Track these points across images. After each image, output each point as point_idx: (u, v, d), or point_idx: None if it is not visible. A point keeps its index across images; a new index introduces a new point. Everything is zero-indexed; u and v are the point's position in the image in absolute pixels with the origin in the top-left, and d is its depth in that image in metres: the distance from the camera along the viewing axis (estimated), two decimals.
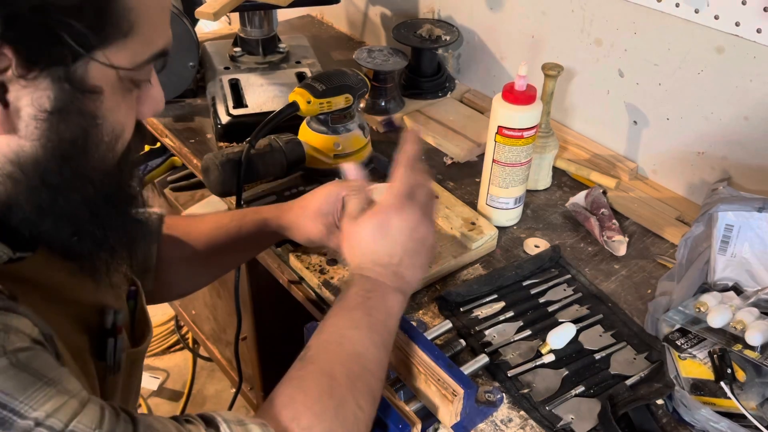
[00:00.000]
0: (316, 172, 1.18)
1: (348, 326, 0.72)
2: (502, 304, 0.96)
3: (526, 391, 0.84)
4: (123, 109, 0.60)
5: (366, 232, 0.76)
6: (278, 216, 0.95)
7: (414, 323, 0.84)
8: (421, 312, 0.96)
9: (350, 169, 0.84)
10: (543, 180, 1.20)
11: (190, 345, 2.08)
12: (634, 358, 0.89)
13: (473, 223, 1.05)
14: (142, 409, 2.00)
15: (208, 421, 0.59)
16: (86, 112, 0.55)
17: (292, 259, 1.02)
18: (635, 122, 1.21)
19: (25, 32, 0.50)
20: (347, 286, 0.76)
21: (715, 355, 0.85)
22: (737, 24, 1.00)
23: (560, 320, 0.93)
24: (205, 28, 1.71)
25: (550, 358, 0.88)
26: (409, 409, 0.75)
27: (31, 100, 0.53)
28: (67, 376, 0.51)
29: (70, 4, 0.51)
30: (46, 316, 0.57)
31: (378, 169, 1.21)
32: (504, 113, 1.01)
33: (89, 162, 0.58)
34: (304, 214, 0.93)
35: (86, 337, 0.67)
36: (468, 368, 0.83)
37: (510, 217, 1.11)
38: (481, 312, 0.95)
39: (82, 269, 0.63)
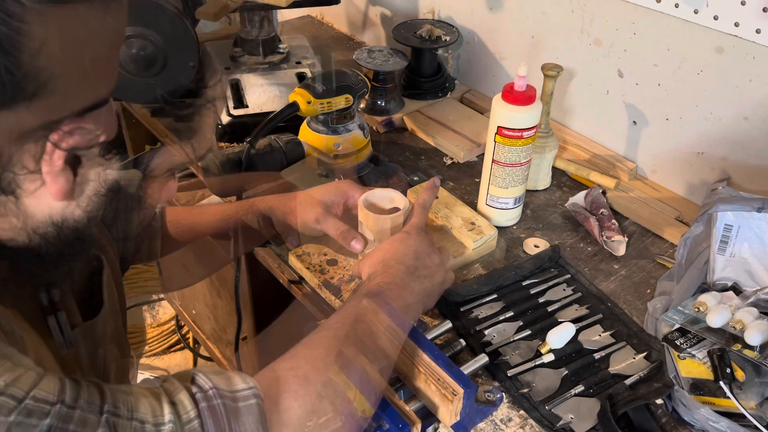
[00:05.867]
0: None
1: (367, 310, 0.75)
2: (501, 304, 0.96)
3: (525, 390, 0.84)
4: None
5: (392, 240, 0.87)
6: (284, 203, 0.98)
7: (414, 323, 0.84)
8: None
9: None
10: (543, 180, 1.20)
11: (191, 345, 2.08)
12: (634, 358, 0.89)
13: (473, 223, 1.05)
14: None
15: (182, 377, 0.62)
16: (136, 195, 0.60)
17: (292, 259, 1.02)
18: (635, 122, 1.21)
19: None
20: (369, 279, 0.81)
21: (714, 355, 0.86)
22: (736, 24, 1.00)
23: (560, 320, 0.94)
24: (205, 28, 1.71)
25: (550, 357, 0.88)
26: (409, 408, 0.75)
27: (97, 175, 0.55)
28: (18, 354, 0.51)
29: None
30: None
31: (378, 169, 1.21)
32: (504, 113, 1.01)
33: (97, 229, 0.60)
34: (306, 201, 0.96)
35: (29, 317, 0.67)
36: (468, 368, 0.83)
37: (509, 217, 1.11)
38: (481, 312, 0.95)
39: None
